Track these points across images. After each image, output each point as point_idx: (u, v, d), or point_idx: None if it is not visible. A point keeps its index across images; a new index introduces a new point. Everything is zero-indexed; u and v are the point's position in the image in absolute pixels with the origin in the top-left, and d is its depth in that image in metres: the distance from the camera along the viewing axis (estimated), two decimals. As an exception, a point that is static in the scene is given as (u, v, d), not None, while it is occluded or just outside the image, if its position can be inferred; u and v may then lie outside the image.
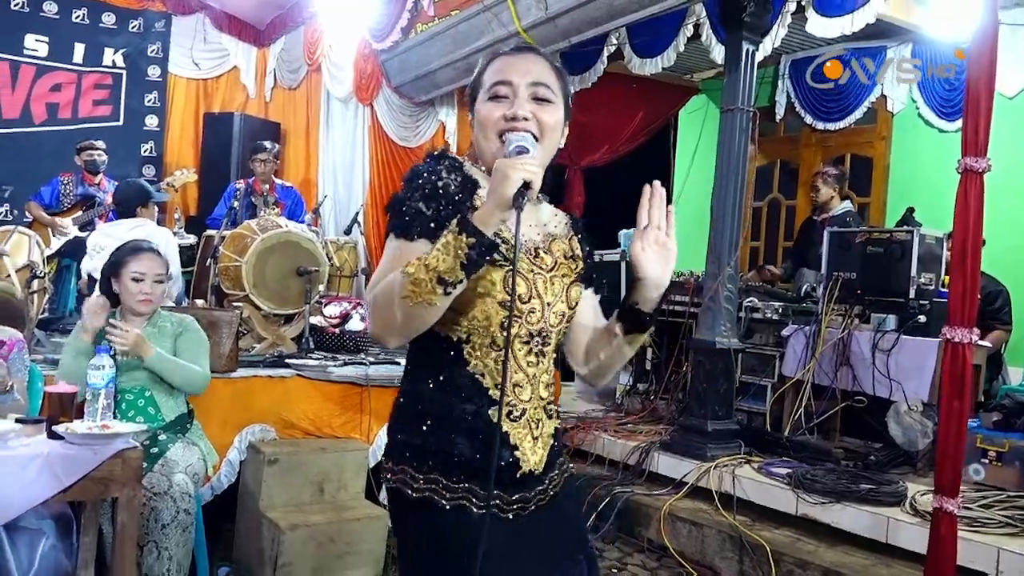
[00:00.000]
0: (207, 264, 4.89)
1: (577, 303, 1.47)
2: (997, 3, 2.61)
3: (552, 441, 1.46)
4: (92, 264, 4.29)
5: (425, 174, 1.35)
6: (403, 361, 4.14)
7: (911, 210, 4.74)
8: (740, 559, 3.49)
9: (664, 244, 1.35)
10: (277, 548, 3.18)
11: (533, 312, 1.39)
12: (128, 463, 2.08)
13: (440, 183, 1.34)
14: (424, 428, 1.36)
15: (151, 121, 7.36)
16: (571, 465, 1.57)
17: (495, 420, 1.33)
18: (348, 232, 5.74)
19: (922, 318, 4.18)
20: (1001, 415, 4.04)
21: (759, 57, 4.36)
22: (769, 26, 4.33)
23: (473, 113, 1.46)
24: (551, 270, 1.44)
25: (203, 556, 2.99)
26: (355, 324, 4.75)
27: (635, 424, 4.95)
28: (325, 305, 4.77)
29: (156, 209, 4.99)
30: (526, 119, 1.37)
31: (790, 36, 4.85)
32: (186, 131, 7.55)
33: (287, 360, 3.92)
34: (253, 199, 5.48)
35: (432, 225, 1.31)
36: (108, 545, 2.69)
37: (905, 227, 4.52)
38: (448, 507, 1.33)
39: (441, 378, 1.37)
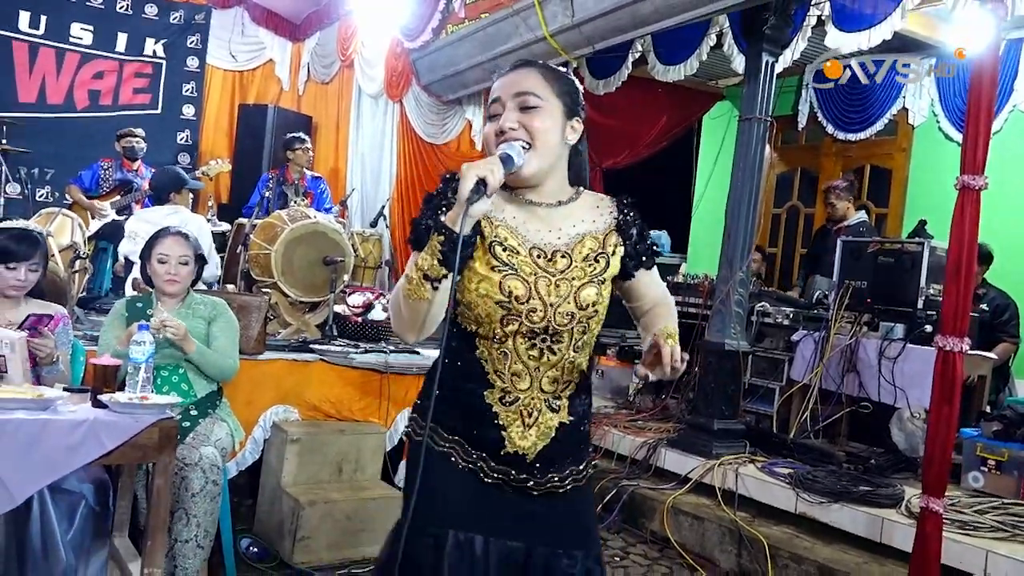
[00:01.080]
0: (238, 251, 5.10)
1: (593, 303, 1.53)
2: (1000, 23, 2.72)
3: (554, 434, 1.55)
4: (128, 247, 4.50)
5: (437, 194, 1.53)
6: (422, 351, 4.30)
7: (923, 222, 4.83)
8: (738, 553, 3.62)
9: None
10: (297, 522, 3.36)
11: (534, 312, 1.49)
12: (165, 432, 2.26)
13: (446, 203, 1.49)
14: (432, 395, 1.51)
15: (188, 110, 7.59)
16: (588, 475, 1.64)
17: (488, 400, 1.53)
18: (374, 225, 5.92)
19: (928, 328, 4.26)
20: (1002, 425, 4.13)
21: (778, 69, 4.47)
22: (789, 39, 4.44)
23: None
24: (560, 274, 1.52)
25: (227, 526, 3.16)
26: (377, 314, 4.91)
27: (645, 421, 5.07)
28: (349, 295, 4.95)
29: (190, 196, 5.20)
30: (513, 129, 1.50)
31: (813, 47, 4.95)
32: (221, 121, 7.77)
33: (311, 345, 4.09)
34: (284, 188, 5.68)
35: None
36: (141, 510, 2.88)
37: (916, 239, 4.61)
38: (437, 450, 1.56)
39: (456, 358, 1.56)
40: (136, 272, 4.15)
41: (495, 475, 1.55)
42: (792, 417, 4.66)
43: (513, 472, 1.55)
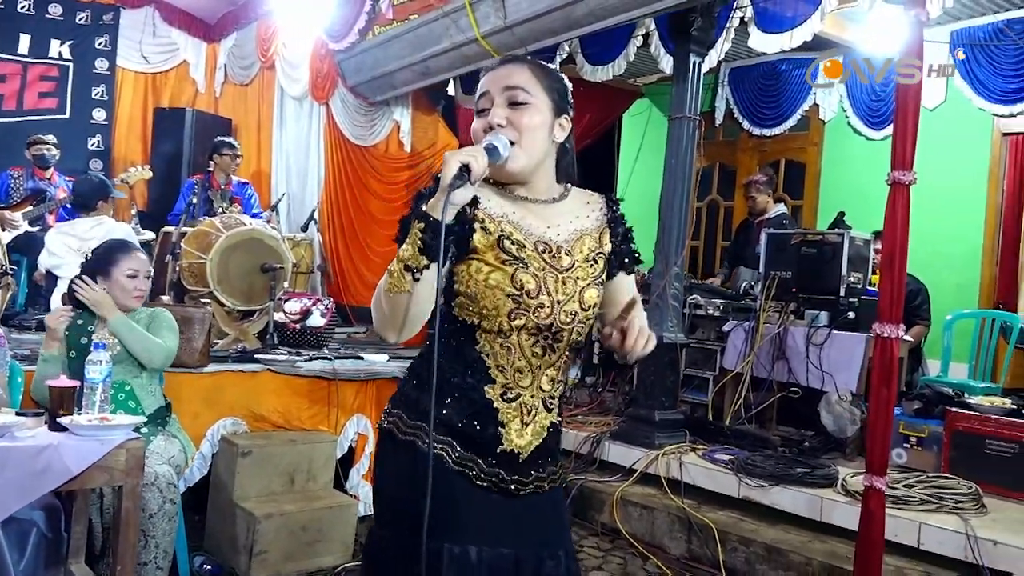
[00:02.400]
0: (166, 260, 4.95)
1: (593, 305, 1.54)
2: (922, 24, 2.89)
3: (546, 435, 1.55)
4: (52, 262, 4.31)
5: (428, 193, 1.43)
6: (367, 356, 4.28)
7: (842, 214, 5.07)
8: (688, 539, 3.75)
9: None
10: (253, 536, 3.31)
11: (542, 308, 1.47)
12: (132, 453, 2.20)
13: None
14: (426, 386, 1.45)
15: (99, 115, 7.29)
16: (563, 477, 1.65)
17: (489, 395, 1.49)
18: (304, 229, 5.84)
19: (851, 314, 4.49)
20: (921, 403, 4.41)
21: (705, 68, 4.62)
22: (714, 40, 4.59)
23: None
24: (566, 271, 1.51)
25: (183, 545, 3.10)
26: (315, 320, 4.86)
27: (584, 415, 5.17)
28: (285, 301, 4.87)
29: (112, 206, 5.02)
30: (501, 125, 1.49)
31: (737, 47, 5.14)
32: (134, 125, 7.48)
33: (256, 355, 4.02)
34: (210, 194, 5.54)
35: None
36: (96, 536, 2.80)
37: (836, 230, 4.85)
38: (426, 450, 1.44)
39: (451, 352, 1.50)
40: (63, 287, 3.99)
41: (486, 477, 1.50)
42: (726, 405, 4.83)
43: (503, 472, 1.52)
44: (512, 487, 1.53)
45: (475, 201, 1.46)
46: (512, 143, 1.48)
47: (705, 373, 5.02)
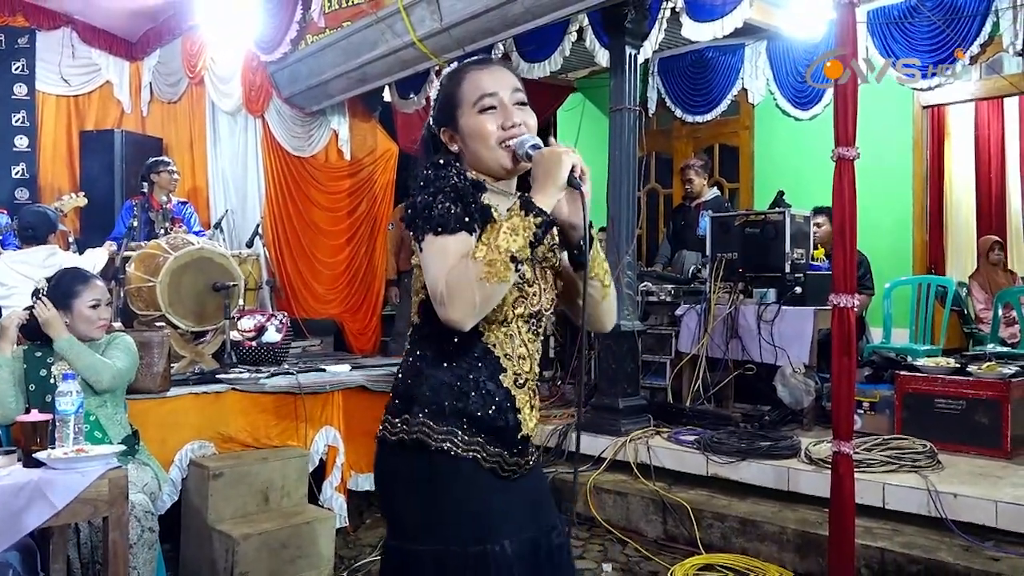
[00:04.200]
0: (110, 286, 4.81)
1: (559, 292, 1.65)
2: (854, 5, 3.01)
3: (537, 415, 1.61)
4: (1, 292, 4.18)
5: (439, 177, 1.46)
6: (328, 368, 4.24)
7: (781, 193, 5.24)
8: (664, 520, 3.83)
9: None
10: (232, 558, 3.26)
11: (535, 295, 1.56)
12: (115, 483, 2.16)
13: (459, 184, 1.46)
14: (443, 387, 1.49)
15: (21, 142, 7.01)
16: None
17: (505, 384, 1.52)
18: (250, 245, 5.74)
19: (798, 289, 4.64)
20: (871, 370, 4.59)
21: (640, 59, 4.71)
22: (648, 31, 4.68)
23: (456, 128, 1.58)
24: (541, 260, 1.59)
25: (162, 572, 3.03)
26: (271, 336, 4.80)
27: (547, 409, 5.22)
28: (239, 319, 4.79)
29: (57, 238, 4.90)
30: (518, 125, 1.54)
31: (671, 37, 5.23)
32: (59, 150, 7.22)
33: (218, 376, 3.95)
34: (150, 215, 5.40)
35: (466, 219, 1.44)
36: (75, 572, 2.72)
37: (777, 209, 5.00)
38: (463, 455, 1.48)
39: (456, 347, 1.50)
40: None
41: (508, 467, 1.54)
42: (685, 387, 4.95)
43: (520, 459, 1.56)
44: (525, 469, 1.58)
45: (480, 186, 1.51)
46: None
47: (662, 358, 5.12)
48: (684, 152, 7.36)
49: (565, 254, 1.63)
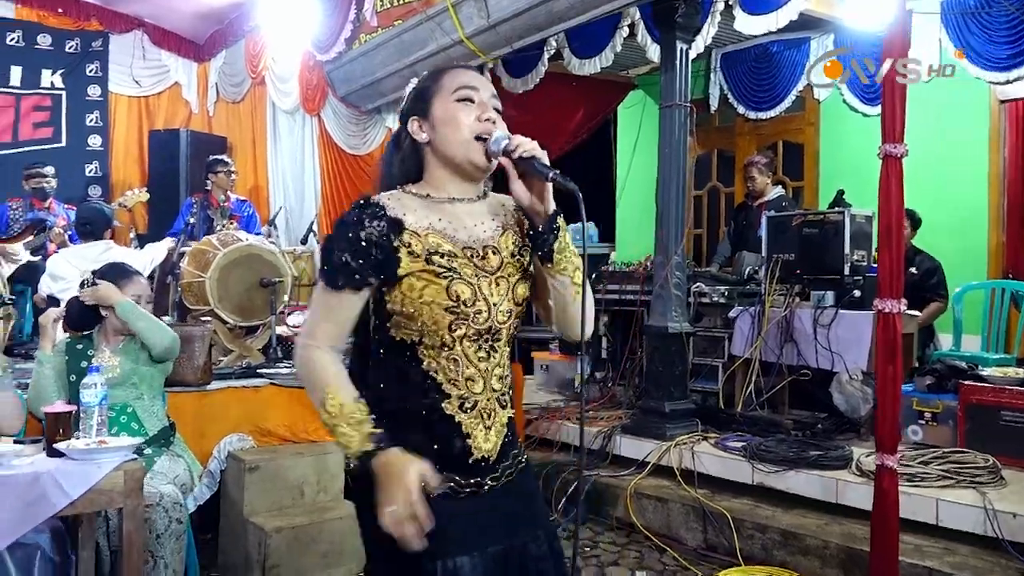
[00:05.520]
0: (167, 281, 4.95)
1: (525, 299, 1.56)
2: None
3: (506, 430, 1.56)
4: (58, 286, 4.33)
5: (351, 223, 1.45)
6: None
7: (841, 192, 5.02)
8: (704, 529, 3.71)
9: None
10: (264, 551, 3.29)
11: (480, 313, 1.48)
12: (131, 475, 2.19)
13: (363, 234, 1.44)
14: (384, 421, 1.44)
15: (94, 141, 7.31)
16: (526, 456, 1.65)
17: (448, 412, 1.48)
18: (304, 242, 5.83)
19: (857, 292, 4.44)
20: (934, 379, 4.35)
21: (692, 54, 4.59)
22: (700, 25, 4.56)
23: (426, 115, 1.55)
24: (497, 271, 1.52)
25: (194, 563, 3.08)
26: (319, 332, 4.83)
27: (595, 411, 5.14)
28: (288, 315, 4.86)
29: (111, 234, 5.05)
30: (494, 121, 1.53)
31: (724, 31, 5.10)
32: (130, 149, 7.51)
33: (258, 370, 4.01)
34: (210, 212, 5.54)
35: (357, 277, 1.43)
36: (104, 559, 2.78)
37: (837, 208, 4.80)
38: None
39: (397, 375, 1.50)
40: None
41: (467, 489, 1.51)
42: (737, 392, 4.79)
43: (479, 478, 1.52)
44: (489, 487, 1.53)
45: (399, 225, 1.46)
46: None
47: (714, 361, 4.97)
48: (747, 149, 7.14)
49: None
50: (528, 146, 1.47)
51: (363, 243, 1.43)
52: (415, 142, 1.56)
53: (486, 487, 1.53)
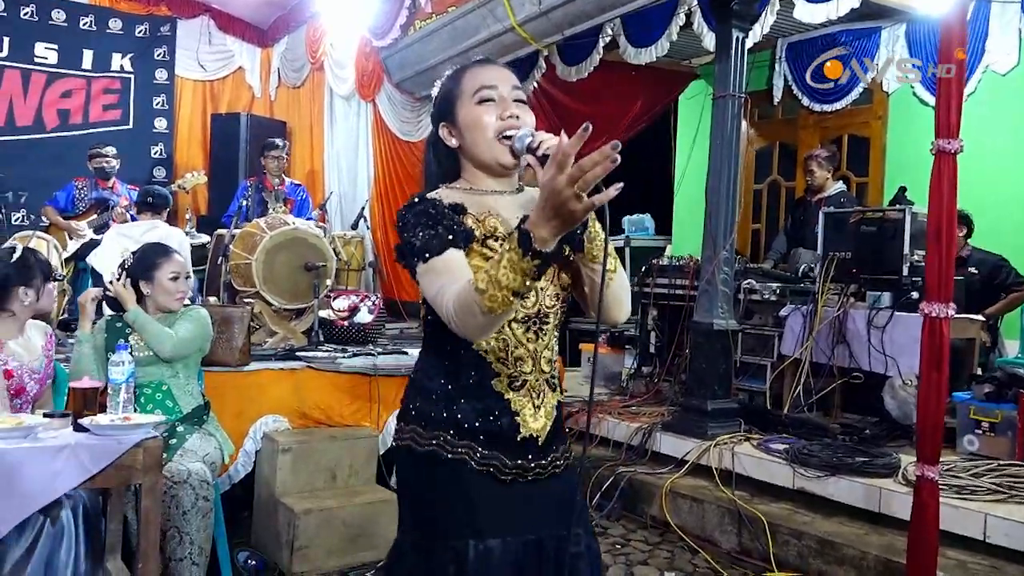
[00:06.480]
0: (219, 262, 5.05)
1: (570, 285, 1.59)
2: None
3: (555, 413, 1.60)
4: (96, 259, 4.45)
5: (418, 206, 1.49)
6: (410, 351, 4.24)
7: (903, 189, 4.81)
8: (739, 532, 3.61)
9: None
10: (293, 532, 3.33)
11: (530, 295, 1.52)
12: (149, 452, 2.22)
13: (432, 210, 1.48)
14: (433, 397, 1.53)
15: (160, 124, 7.51)
16: (573, 453, 1.67)
17: (497, 389, 1.53)
18: (355, 227, 5.88)
19: (915, 294, 4.25)
20: (993, 387, 4.13)
21: (749, 44, 4.44)
22: (758, 13, 4.42)
23: (453, 121, 1.56)
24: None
25: (223, 540, 3.13)
26: (363, 316, 4.88)
27: (639, 406, 5.07)
28: (334, 299, 4.90)
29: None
30: (518, 117, 1.52)
31: (783, 20, 4.93)
32: (194, 132, 7.69)
33: (297, 353, 4.06)
34: (264, 195, 5.63)
35: (449, 237, 1.44)
36: (133, 532, 2.85)
37: (898, 206, 4.60)
38: (450, 458, 1.51)
39: (450, 355, 1.54)
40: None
41: (509, 470, 1.54)
42: (785, 392, 4.64)
43: (527, 460, 1.55)
44: (535, 473, 1.56)
45: (462, 208, 1.50)
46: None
47: (762, 360, 4.83)
48: (810, 143, 6.91)
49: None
50: (551, 142, 1.43)
51: (435, 214, 1.47)
52: (448, 146, 1.59)
53: (530, 474, 1.56)
